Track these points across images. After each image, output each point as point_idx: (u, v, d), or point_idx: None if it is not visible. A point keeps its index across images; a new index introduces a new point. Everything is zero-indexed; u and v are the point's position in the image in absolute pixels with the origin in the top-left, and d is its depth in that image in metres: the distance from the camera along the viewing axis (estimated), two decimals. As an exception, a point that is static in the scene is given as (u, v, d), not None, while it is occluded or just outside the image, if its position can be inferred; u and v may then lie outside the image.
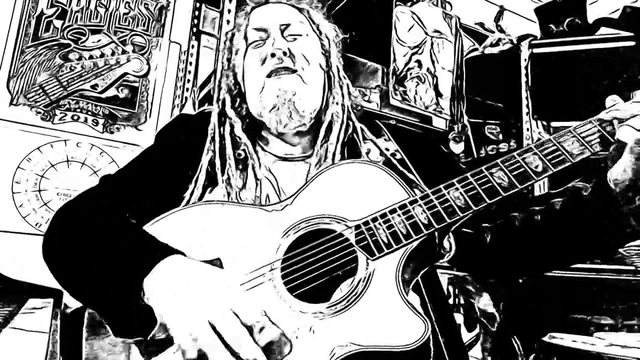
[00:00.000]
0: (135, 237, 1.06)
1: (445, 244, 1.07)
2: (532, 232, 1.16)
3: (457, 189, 1.02)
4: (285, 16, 1.28)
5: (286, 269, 1.02)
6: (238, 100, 1.30)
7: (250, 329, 0.88)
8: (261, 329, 0.90)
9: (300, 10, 1.31)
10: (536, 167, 1.02)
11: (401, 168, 1.20)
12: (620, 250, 2.54)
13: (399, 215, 1.02)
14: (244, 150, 1.24)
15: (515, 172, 1.02)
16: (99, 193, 1.22)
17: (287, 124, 1.21)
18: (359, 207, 1.05)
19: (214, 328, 0.87)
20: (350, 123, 1.30)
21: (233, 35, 1.35)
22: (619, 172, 0.97)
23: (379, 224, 1.02)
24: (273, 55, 1.20)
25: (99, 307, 1.05)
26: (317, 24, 1.31)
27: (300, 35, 1.26)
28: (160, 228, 1.09)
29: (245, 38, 1.29)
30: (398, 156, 1.25)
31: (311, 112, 1.23)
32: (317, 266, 1.01)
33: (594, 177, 1.05)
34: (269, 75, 1.21)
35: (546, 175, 1.01)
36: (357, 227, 1.03)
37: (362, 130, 1.30)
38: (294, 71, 1.21)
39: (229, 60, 1.34)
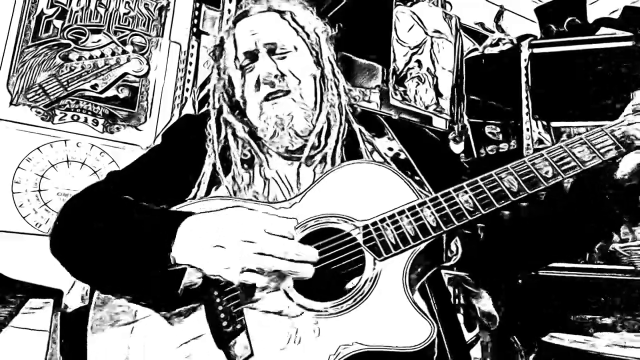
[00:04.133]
0: (148, 211, 1.07)
1: (452, 246, 1.07)
2: (519, 227, 1.19)
3: (466, 192, 1.03)
4: (270, 33, 1.26)
5: (293, 267, 1.02)
6: (238, 110, 1.31)
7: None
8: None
9: (282, 14, 1.28)
10: (546, 172, 1.02)
11: (397, 170, 1.20)
12: (621, 250, 2.54)
13: (407, 216, 1.02)
14: (249, 150, 1.25)
15: (525, 177, 1.03)
16: (106, 185, 1.23)
17: (288, 146, 1.23)
18: (367, 208, 1.05)
19: (261, 254, 0.92)
20: (348, 124, 1.30)
21: (221, 48, 1.34)
22: (628, 170, 0.99)
23: (387, 224, 1.02)
24: (265, 81, 1.21)
25: (119, 286, 1.06)
26: (303, 25, 1.29)
27: (289, 51, 1.25)
28: None
29: (237, 58, 1.27)
30: (402, 156, 1.26)
31: (309, 126, 1.24)
32: (324, 265, 1.01)
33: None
34: (265, 99, 1.22)
35: (556, 181, 1.02)
36: (365, 227, 1.03)
37: (360, 131, 1.30)
38: (288, 92, 1.22)
39: (219, 74, 1.34)
